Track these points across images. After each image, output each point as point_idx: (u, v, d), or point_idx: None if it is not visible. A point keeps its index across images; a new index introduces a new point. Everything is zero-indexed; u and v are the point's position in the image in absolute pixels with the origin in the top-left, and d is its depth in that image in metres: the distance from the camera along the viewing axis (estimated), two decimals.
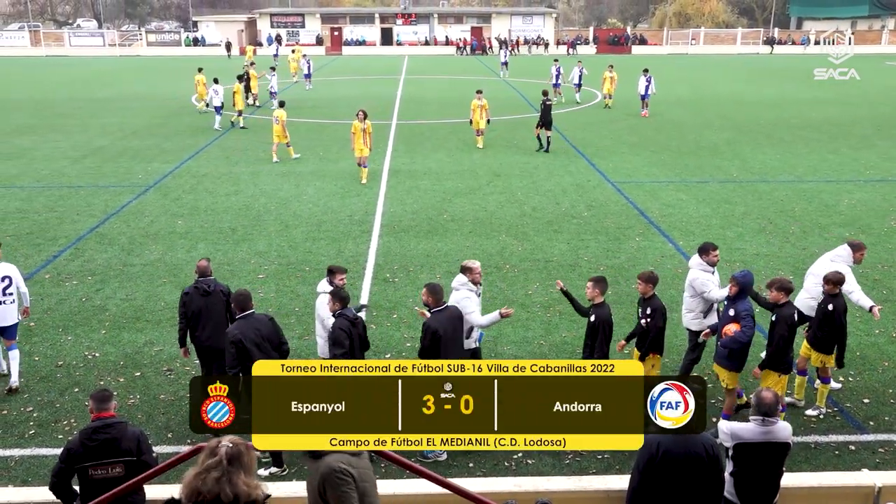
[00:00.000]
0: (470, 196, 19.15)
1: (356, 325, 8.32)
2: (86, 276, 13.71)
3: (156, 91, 42.46)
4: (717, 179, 21.04)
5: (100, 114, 33.33)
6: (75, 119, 31.83)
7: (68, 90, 43.22)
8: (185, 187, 20.09)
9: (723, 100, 38.44)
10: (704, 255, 9.48)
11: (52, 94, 41.44)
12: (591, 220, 17.03)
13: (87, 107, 35.71)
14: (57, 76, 52.98)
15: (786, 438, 6.29)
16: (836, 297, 8.88)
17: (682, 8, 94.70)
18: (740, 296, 8.62)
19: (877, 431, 8.90)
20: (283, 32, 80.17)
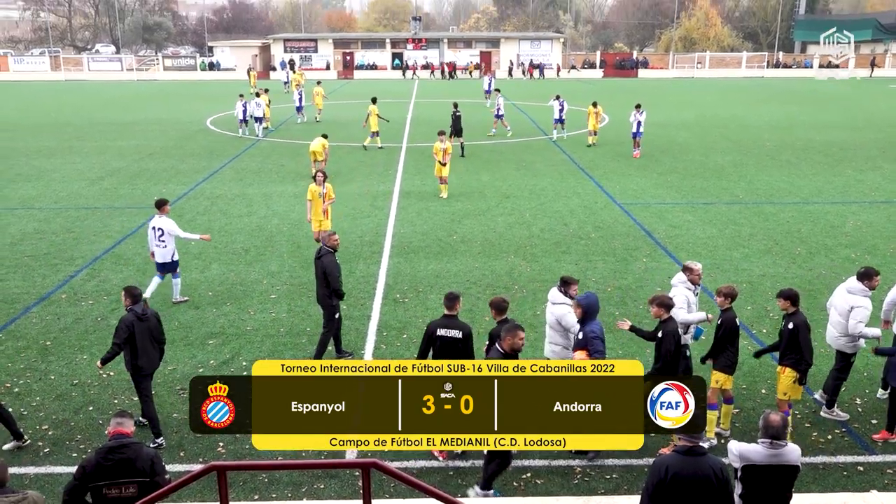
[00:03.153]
0: (479, 217, 19.16)
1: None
2: (101, 295, 13.76)
3: (172, 114, 42.80)
4: (724, 201, 20.99)
5: (117, 136, 33.61)
6: (93, 142, 32.10)
7: (87, 114, 43.63)
8: (200, 208, 20.18)
9: (728, 122, 38.43)
10: (688, 273, 9.63)
11: (71, 117, 41.83)
12: (598, 242, 17.00)
13: (104, 130, 36.02)
14: (76, 100, 53.52)
15: (794, 461, 6.21)
16: (796, 315, 8.81)
17: (687, 32, 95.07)
18: (586, 319, 8.55)
19: (885, 452, 8.80)
20: (297, 57, 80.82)
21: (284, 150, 29.87)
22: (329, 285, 10.86)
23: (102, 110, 45.55)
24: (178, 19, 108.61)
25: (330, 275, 10.84)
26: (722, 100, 52.17)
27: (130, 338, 8.87)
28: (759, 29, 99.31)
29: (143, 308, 9.08)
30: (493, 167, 25.85)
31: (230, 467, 6.43)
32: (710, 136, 33.29)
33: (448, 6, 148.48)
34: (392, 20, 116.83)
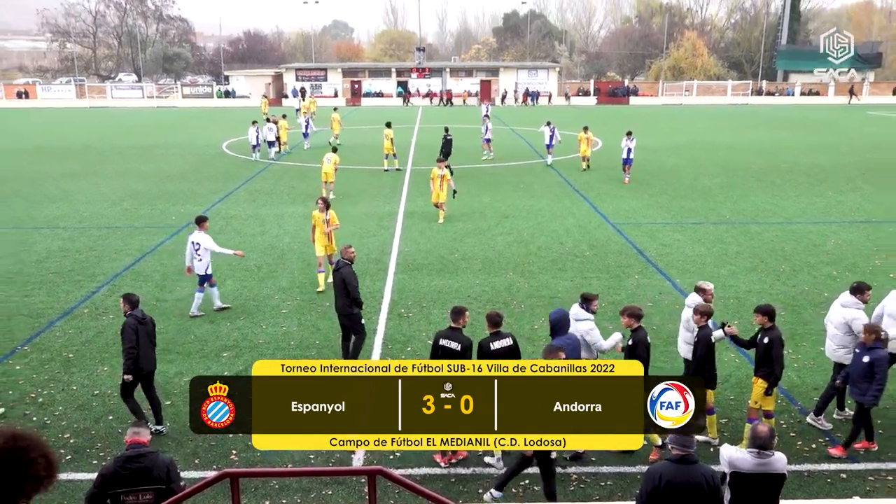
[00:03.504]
0: (479, 236, 19.17)
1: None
2: (118, 311, 13.73)
3: (189, 139, 42.98)
4: (711, 221, 21.00)
5: (138, 160, 33.74)
6: (115, 165, 32.22)
7: (110, 139, 43.83)
8: (215, 228, 20.19)
9: (715, 147, 38.52)
10: (702, 293, 9.55)
11: (94, 142, 42.03)
12: (593, 259, 16.99)
13: (126, 154, 36.17)
14: (99, 126, 53.79)
15: (781, 470, 6.17)
16: (772, 330, 8.79)
17: (676, 62, 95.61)
18: (555, 333, 8.54)
19: (867, 460, 8.74)
20: (308, 85, 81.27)
21: (295, 173, 29.97)
22: (349, 295, 10.97)
23: (124, 136, 45.76)
24: (197, 50, 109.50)
25: (349, 284, 10.97)
26: (709, 125, 52.31)
27: None
28: (743, 59, 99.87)
29: (142, 313, 9.33)
30: (492, 189, 25.90)
31: (242, 474, 6.40)
32: (698, 160, 33.35)
33: (450, 37, 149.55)
34: (397, 51, 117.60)
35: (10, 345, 12.12)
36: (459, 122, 50.21)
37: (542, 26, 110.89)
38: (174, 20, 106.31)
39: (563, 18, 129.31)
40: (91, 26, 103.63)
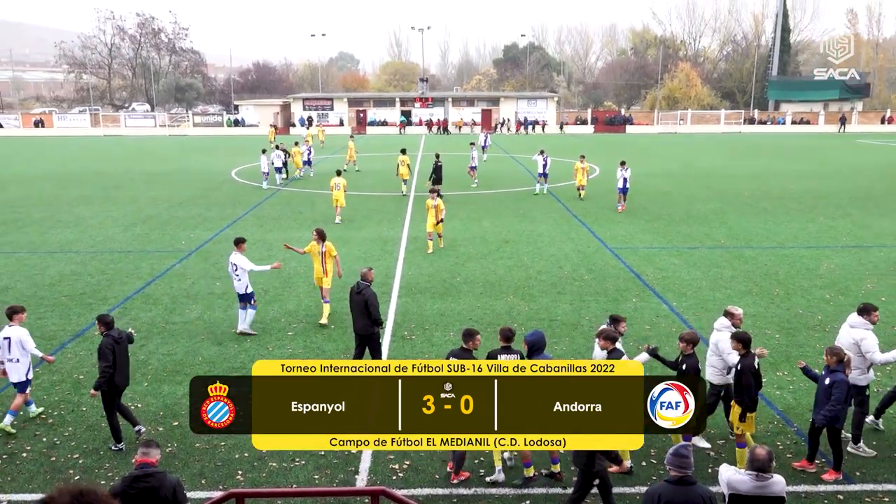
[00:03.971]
0: (481, 261, 19.14)
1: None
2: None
3: (200, 166, 43.18)
4: (706, 246, 20.97)
5: (149, 187, 33.86)
6: (128, 191, 32.33)
7: (122, 165, 44.04)
8: (224, 252, 20.19)
9: (709, 173, 38.60)
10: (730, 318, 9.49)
11: (108, 168, 42.23)
12: (591, 283, 16.94)
13: (138, 180, 36.32)
14: (113, 153, 54.09)
15: (780, 493, 6.08)
16: (745, 357, 8.69)
17: (670, 92, 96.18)
18: (532, 354, 8.48)
19: (863, 482, 8.62)
20: (314, 114, 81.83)
21: (302, 199, 30.04)
22: (370, 316, 11.13)
23: (137, 163, 45.98)
24: (208, 81, 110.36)
25: (372, 305, 11.15)
26: (703, 153, 52.48)
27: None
28: (735, 89, 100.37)
29: (118, 332, 9.45)
30: (493, 215, 25.92)
31: (248, 494, 6.32)
32: (693, 186, 33.41)
33: (452, 68, 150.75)
34: (401, 81, 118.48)
35: None
36: (455, 150, 50.36)
37: (541, 58, 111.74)
38: (186, 52, 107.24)
39: (562, 50, 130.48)
40: (106, 58, 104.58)
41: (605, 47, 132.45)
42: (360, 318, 11.24)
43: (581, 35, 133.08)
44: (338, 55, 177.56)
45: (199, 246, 21.09)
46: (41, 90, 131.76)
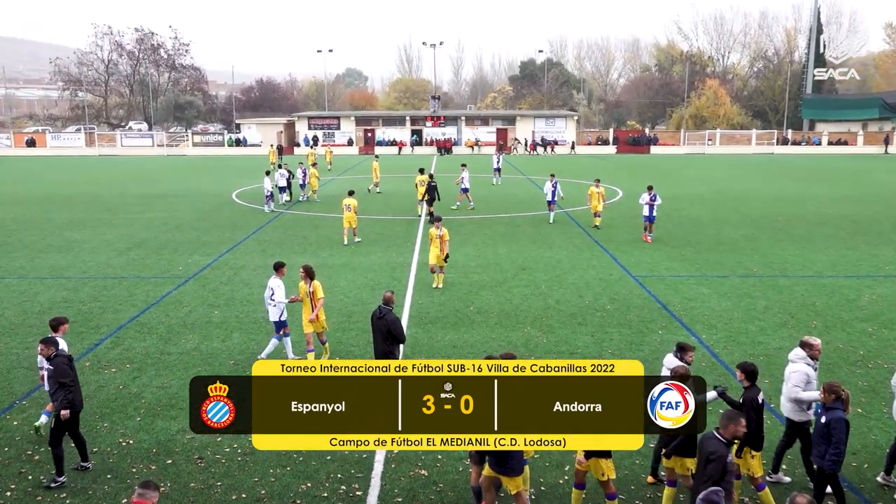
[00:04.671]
0: (496, 289, 19.10)
1: None
2: (124, 363, 13.73)
3: (199, 187, 43.54)
4: (738, 274, 20.84)
5: (146, 209, 34.16)
6: (123, 213, 32.62)
7: (118, 187, 44.50)
8: (223, 278, 20.29)
9: (740, 197, 38.50)
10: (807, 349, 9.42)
11: (102, 190, 42.67)
12: (614, 313, 16.85)
13: (134, 202, 36.66)
14: (108, 174, 54.69)
15: None
16: (748, 390, 8.65)
17: (697, 111, 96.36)
18: None
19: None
20: (320, 133, 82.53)
21: (306, 222, 30.18)
22: (395, 340, 11.49)
23: (133, 184, 46.45)
24: (208, 98, 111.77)
25: (395, 331, 11.49)
26: (733, 175, 52.40)
27: None
28: (767, 107, 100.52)
29: (67, 351, 9.89)
30: (509, 240, 25.92)
31: None
32: (722, 211, 33.32)
33: (466, 85, 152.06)
34: (412, 99, 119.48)
35: (9, 399, 12.09)
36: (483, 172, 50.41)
37: (560, 74, 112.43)
38: (187, 69, 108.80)
39: (581, 66, 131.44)
40: (103, 75, 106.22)
41: (627, 63, 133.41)
42: (383, 344, 11.46)
43: (602, 50, 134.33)
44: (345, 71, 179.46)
45: (198, 272, 21.18)
46: (34, 108, 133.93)
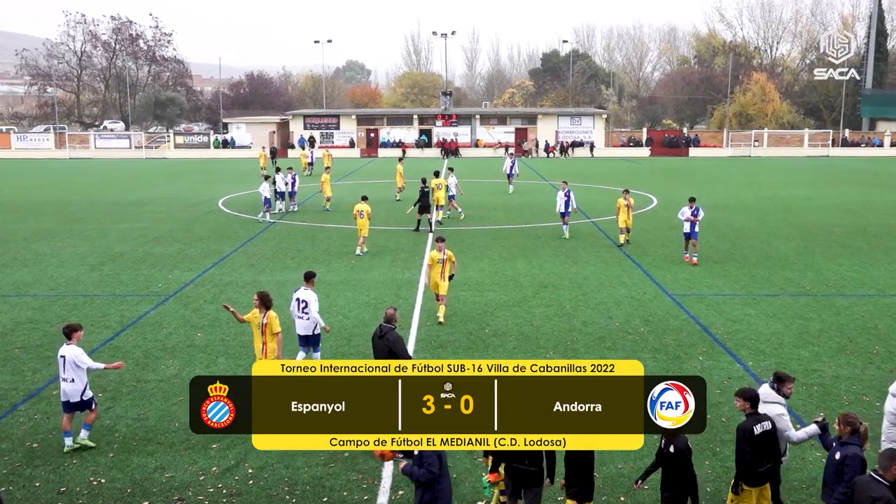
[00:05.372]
0: (514, 309, 19.08)
1: None
2: (96, 392, 13.73)
3: (181, 195, 43.81)
4: (789, 293, 20.74)
5: (122, 218, 34.38)
6: (96, 224, 32.85)
7: (90, 194, 44.84)
8: (207, 297, 20.36)
9: (791, 205, 38.38)
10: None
11: (74, 197, 43.01)
12: (648, 337, 16.79)
13: (109, 211, 36.92)
14: (80, 179, 55.13)
15: None
16: (748, 418, 8.71)
17: (742, 108, 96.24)
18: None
19: None
20: (317, 134, 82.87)
21: (301, 233, 30.28)
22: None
23: (107, 190, 46.79)
24: (192, 94, 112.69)
25: (398, 351, 11.65)
26: (783, 180, 52.26)
27: None
28: (821, 104, 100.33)
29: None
30: (529, 253, 25.92)
31: None
32: (770, 221, 33.21)
33: (481, 80, 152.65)
34: (420, 95, 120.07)
35: None
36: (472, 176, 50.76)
37: (587, 68, 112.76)
38: (168, 61, 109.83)
39: (611, 59, 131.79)
40: (75, 68, 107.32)
41: (662, 55, 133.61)
42: None
43: (634, 41, 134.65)
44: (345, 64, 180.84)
45: (179, 289, 21.27)
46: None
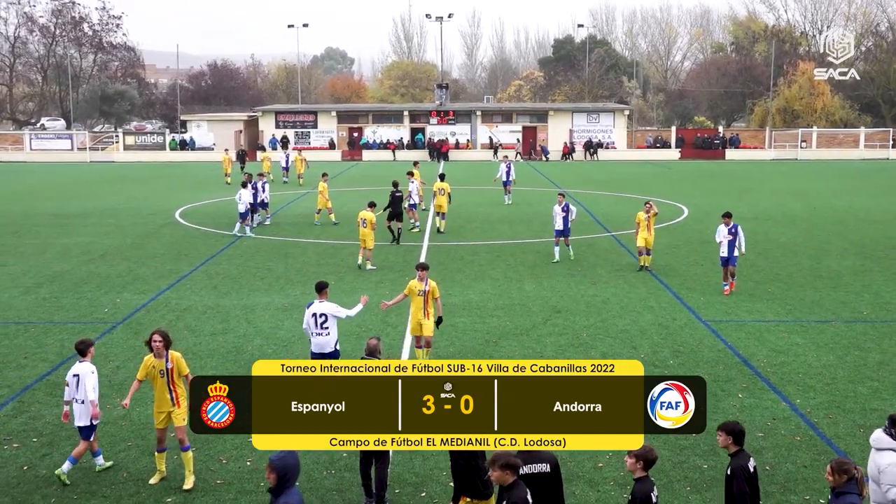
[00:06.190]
0: (521, 338, 19.08)
1: None
2: (30, 436, 13.71)
3: (132, 204, 43.80)
4: (843, 319, 20.76)
5: (61, 233, 34.33)
6: (31, 239, 32.80)
7: (25, 203, 44.77)
8: (162, 323, 20.28)
9: (845, 216, 38.47)
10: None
11: (4, 207, 42.95)
12: (678, 371, 16.76)
13: (46, 224, 36.87)
14: (12, 186, 55.12)
15: None
16: (737, 456, 8.88)
17: (787, 103, 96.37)
18: (280, 488, 7.32)
19: None
20: (291, 134, 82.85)
21: (271, 250, 30.25)
22: None
23: (45, 199, 46.72)
24: (146, 87, 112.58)
25: None
26: (835, 187, 52.42)
27: None
28: (879, 99, 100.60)
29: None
30: (538, 272, 25.93)
31: None
32: (821, 234, 33.29)
33: (482, 71, 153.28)
34: (412, 88, 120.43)
35: None
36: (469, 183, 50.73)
37: (606, 56, 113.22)
38: (118, 49, 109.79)
39: (634, 46, 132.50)
40: (7, 56, 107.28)
41: (694, 42, 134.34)
42: None
43: (661, 25, 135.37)
44: (324, 53, 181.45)
45: (129, 315, 21.23)
46: None
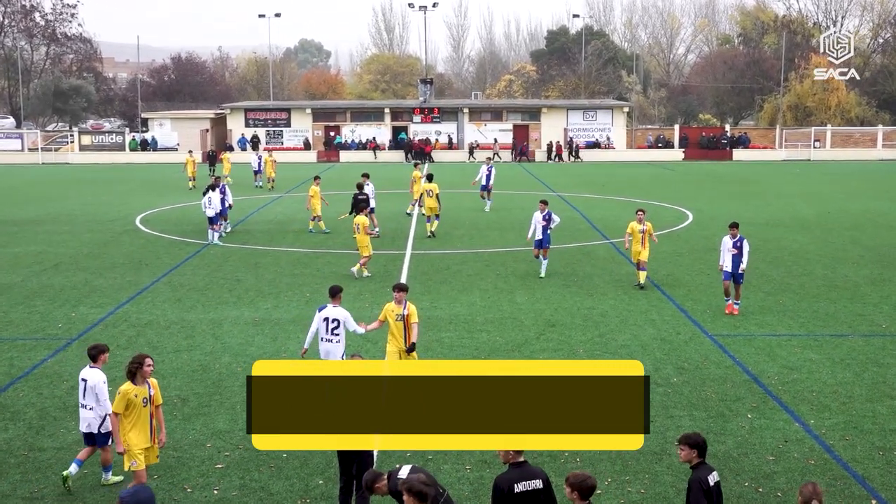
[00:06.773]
0: (513, 354, 19.09)
1: None
2: None
3: (88, 210, 43.66)
4: (860, 332, 20.85)
5: (11, 240, 34.18)
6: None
7: None
8: (121, 340, 20.23)
9: (861, 222, 38.66)
10: None
11: None
12: (682, 389, 16.82)
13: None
14: None
15: None
16: (697, 469, 9.09)
17: (799, 100, 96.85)
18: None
19: None
20: (262, 133, 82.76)
21: (241, 259, 30.18)
22: None
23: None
24: (103, 82, 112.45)
25: None
26: (851, 190, 52.70)
27: None
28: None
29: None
30: (531, 283, 25.95)
31: None
32: (836, 241, 33.44)
33: (470, 65, 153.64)
34: (393, 83, 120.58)
35: None
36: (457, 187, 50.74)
37: (603, 49, 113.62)
38: (72, 41, 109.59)
39: (634, 38, 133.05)
40: None
41: (699, 33, 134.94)
42: None
43: (663, 15, 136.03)
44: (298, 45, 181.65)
45: (85, 331, 21.14)
46: None
